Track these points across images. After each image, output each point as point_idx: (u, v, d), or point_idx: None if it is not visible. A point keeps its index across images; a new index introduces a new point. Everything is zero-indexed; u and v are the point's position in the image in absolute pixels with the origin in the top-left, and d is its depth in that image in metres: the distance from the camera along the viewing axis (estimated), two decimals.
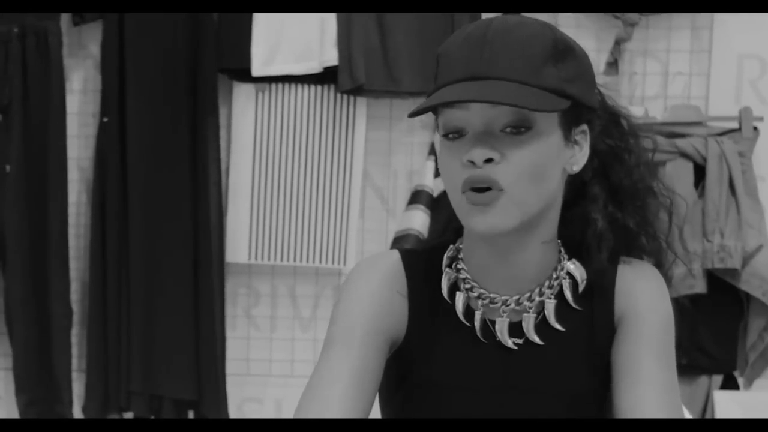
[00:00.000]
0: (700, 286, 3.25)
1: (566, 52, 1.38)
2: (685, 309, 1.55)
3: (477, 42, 1.36)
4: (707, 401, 3.40)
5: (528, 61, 1.34)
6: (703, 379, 3.41)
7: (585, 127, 1.43)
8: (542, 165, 1.36)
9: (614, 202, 1.48)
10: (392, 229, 3.49)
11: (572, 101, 1.38)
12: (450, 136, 1.38)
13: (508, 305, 1.45)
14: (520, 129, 1.35)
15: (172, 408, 3.52)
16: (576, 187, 1.47)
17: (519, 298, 1.45)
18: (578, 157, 1.43)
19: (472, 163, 1.35)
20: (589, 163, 1.45)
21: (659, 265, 1.52)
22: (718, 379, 3.42)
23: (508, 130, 1.35)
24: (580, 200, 1.47)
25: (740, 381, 3.45)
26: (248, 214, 3.53)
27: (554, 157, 1.38)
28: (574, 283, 1.47)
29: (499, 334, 1.45)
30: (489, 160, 1.34)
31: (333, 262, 3.55)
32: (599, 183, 1.47)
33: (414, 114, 1.37)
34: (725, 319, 3.39)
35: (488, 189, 1.35)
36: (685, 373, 3.31)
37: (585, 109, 1.42)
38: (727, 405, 3.33)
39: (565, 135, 1.40)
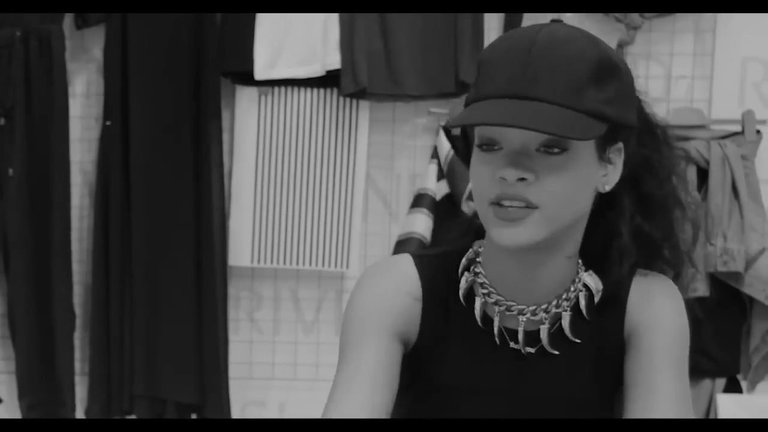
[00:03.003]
0: (702, 290, 3.24)
1: (610, 71, 1.37)
2: (696, 314, 1.55)
3: (521, 56, 1.34)
4: (710, 404, 3.40)
5: (571, 83, 1.33)
6: (707, 383, 3.41)
7: (620, 145, 1.42)
8: (576, 185, 1.36)
9: (642, 213, 1.47)
10: (395, 232, 3.49)
11: (610, 123, 1.37)
12: (484, 147, 1.37)
13: (524, 314, 1.45)
14: (554, 150, 1.35)
15: (175, 411, 3.52)
16: (601, 197, 1.45)
17: (536, 309, 1.45)
18: (611, 176, 1.42)
19: (504, 179, 1.34)
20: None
21: (679, 275, 1.51)
22: (721, 382, 3.42)
23: (543, 149, 1.35)
24: (606, 211, 1.46)
25: (743, 384, 3.45)
26: (251, 217, 3.53)
27: (588, 176, 1.38)
28: (590, 295, 1.47)
29: (514, 342, 1.46)
30: (521, 179, 1.34)
31: (336, 266, 3.55)
32: (629, 194, 1.46)
33: (452, 126, 1.37)
34: (728, 322, 3.38)
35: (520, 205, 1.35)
36: (688, 376, 3.31)
37: (622, 128, 1.40)
38: (730, 408, 3.33)
39: (599, 154, 1.39)
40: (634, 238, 1.46)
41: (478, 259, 1.48)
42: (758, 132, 3.38)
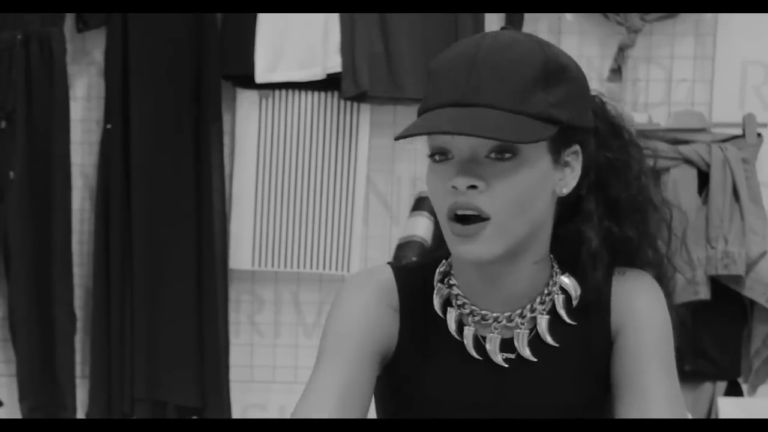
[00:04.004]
0: (703, 293, 3.24)
1: (558, 73, 1.35)
2: (686, 318, 1.54)
3: (466, 64, 1.34)
4: (711, 408, 3.40)
5: (515, 87, 1.32)
6: (707, 386, 3.41)
7: (577, 147, 1.40)
8: (528, 192, 1.35)
9: (611, 216, 1.46)
10: (396, 235, 3.49)
11: (561, 126, 1.35)
12: (436, 157, 1.37)
13: (499, 322, 1.44)
14: (505, 155, 1.34)
15: (176, 414, 3.52)
16: (570, 203, 1.45)
17: (510, 315, 1.44)
18: (568, 179, 1.41)
19: (456, 188, 1.34)
20: (584, 178, 1.43)
21: (660, 277, 1.50)
22: (722, 385, 3.42)
23: (493, 156, 1.34)
24: (575, 216, 1.45)
25: (744, 387, 3.44)
26: (252, 220, 3.53)
27: (541, 182, 1.37)
28: (567, 298, 1.46)
29: (489, 351, 1.44)
30: (473, 187, 1.33)
31: (337, 269, 3.55)
32: (595, 198, 1.45)
33: (400, 138, 1.35)
34: (729, 325, 3.38)
35: (474, 216, 1.34)
36: (689, 379, 3.31)
37: (577, 130, 1.39)
38: (731, 411, 3.33)
39: (554, 158, 1.38)
40: (605, 241, 1.45)
41: (451, 271, 1.48)
42: (759, 135, 3.38)
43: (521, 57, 1.34)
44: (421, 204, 3.40)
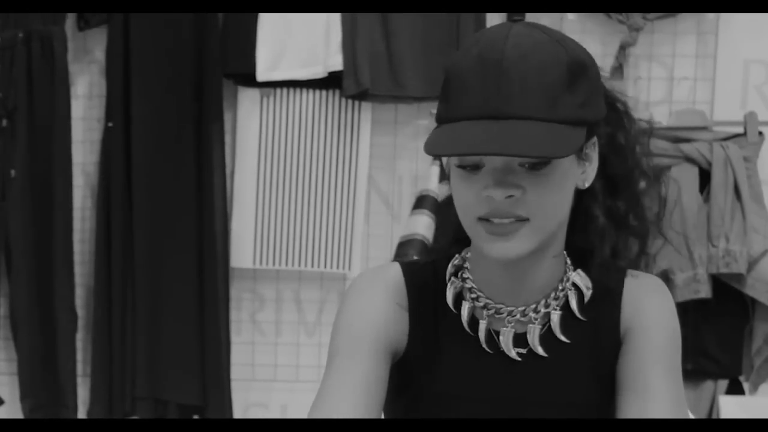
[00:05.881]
0: (705, 291, 3.24)
1: (580, 72, 1.34)
2: (688, 313, 1.54)
3: (493, 71, 1.30)
4: (712, 406, 3.40)
5: (545, 94, 1.30)
6: (709, 384, 3.40)
7: (595, 139, 1.40)
8: (560, 192, 1.35)
9: (609, 192, 1.45)
10: (397, 233, 3.49)
11: (587, 126, 1.35)
12: (467, 168, 1.35)
13: (513, 316, 1.44)
14: (539, 164, 1.33)
15: (177, 413, 3.52)
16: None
17: (525, 309, 1.44)
18: (589, 172, 1.41)
19: (492, 197, 1.33)
20: None
21: (644, 247, 1.49)
22: (723, 383, 3.42)
23: (527, 165, 1.33)
24: (582, 196, 1.44)
25: (745, 386, 3.44)
26: (253, 218, 3.53)
27: (570, 180, 1.37)
28: (580, 294, 1.46)
29: (503, 345, 1.44)
30: (509, 197, 1.33)
31: (338, 267, 3.55)
32: (599, 176, 1.44)
33: (431, 154, 1.33)
34: (730, 323, 3.38)
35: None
36: (691, 378, 3.31)
37: (597, 123, 1.39)
38: (733, 410, 3.32)
39: (578, 155, 1.38)
40: (607, 218, 1.45)
41: (465, 265, 1.48)
42: (760, 134, 3.38)
43: (547, 62, 1.31)
44: (422, 202, 3.39)
